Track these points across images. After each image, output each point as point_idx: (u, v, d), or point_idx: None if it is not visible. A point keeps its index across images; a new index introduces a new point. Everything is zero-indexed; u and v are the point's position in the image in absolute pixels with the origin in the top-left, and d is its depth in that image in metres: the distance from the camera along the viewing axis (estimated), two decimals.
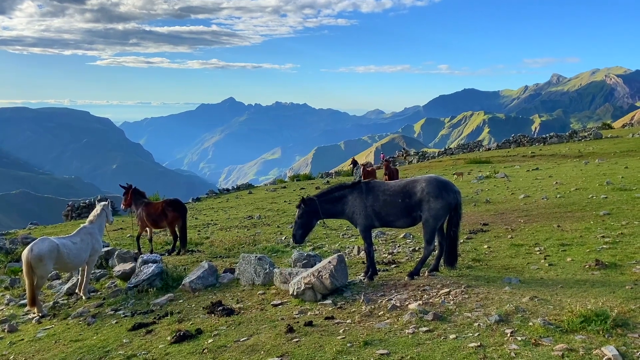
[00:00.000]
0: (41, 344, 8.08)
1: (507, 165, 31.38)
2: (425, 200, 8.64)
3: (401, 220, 8.96)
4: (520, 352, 5.20)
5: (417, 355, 5.38)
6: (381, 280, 8.81)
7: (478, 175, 26.14)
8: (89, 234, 10.77)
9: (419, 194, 8.69)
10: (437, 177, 9.03)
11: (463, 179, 26.00)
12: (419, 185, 8.76)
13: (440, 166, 37.59)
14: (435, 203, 8.61)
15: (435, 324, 6.28)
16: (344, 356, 5.58)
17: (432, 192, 8.63)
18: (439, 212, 8.67)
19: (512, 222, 13.13)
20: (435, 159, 49.57)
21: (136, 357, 6.58)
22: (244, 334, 6.84)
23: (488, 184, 22.31)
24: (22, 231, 25.42)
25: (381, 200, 8.88)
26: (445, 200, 8.67)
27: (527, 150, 40.02)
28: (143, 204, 14.40)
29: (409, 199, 8.74)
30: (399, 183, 9.08)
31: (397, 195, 8.82)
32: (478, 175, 26.14)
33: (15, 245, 17.51)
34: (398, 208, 8.81)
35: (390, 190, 8.94)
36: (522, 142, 49.72)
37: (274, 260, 11.35)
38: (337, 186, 9.48)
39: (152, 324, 7.99)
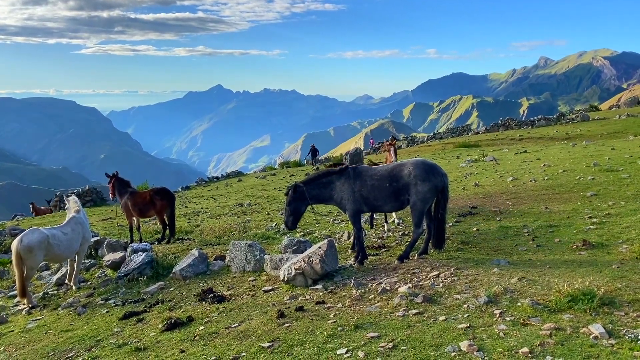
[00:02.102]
0: (32, 334, 8.06)
1: (495, 149, 31.52)
2: (412, 183, 8.66)
3: (389, 205, 9.00)
4: (509, 332, 5.26)
5: (408, 337, 5.42)
6: (371, 265, 8.85)
7: (467, 159, 26.25)
8: (79, 223, 10.70)
9: (406, 178, 8.71)
10: (424, 160, 9.06)
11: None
12: (406, 169, 8.78)
13: (430, 150, 37.70)
14: (422, 186, 8.64)
15: (425, 306, 6.33)
16: (335, 340, 5.62)
17: (420, 175, 8.65)
18: (426, 195, 8.70)
19: (501, 204, 13.22)
20: (425, 143, 49.69)
21: (127, 345, 6.57)
22: (235, 320, 6.86)
23: (477, 168, 22.41)
24: (9, 222, 25.20)
25: (369, 184, 8.89)
26: (432, 183, 8.70)
27: (516, 134, 40.21)
28: (128, 193, 14.27)
29: (396, 182, 8.77)
30: (386, 167, 9.11)
31: (385, 180, 8.83)
32: (467, 159, 26.25)
33: (4, 237, 17.36)
34: (386, 192, 8.83)
35: (377, 174, 8.95)
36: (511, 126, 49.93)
37: (264, 246, 11.36)
38: (325, 172, 9.47)
39: (143, 312, 7.98)
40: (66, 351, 6.95)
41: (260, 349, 5.67)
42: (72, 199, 11.46)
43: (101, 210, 26.88)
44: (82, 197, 30.48)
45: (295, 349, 5.52)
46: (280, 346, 5.67)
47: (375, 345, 5.31)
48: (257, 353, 5.59)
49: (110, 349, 6.62)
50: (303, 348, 5.52)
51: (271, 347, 5.67)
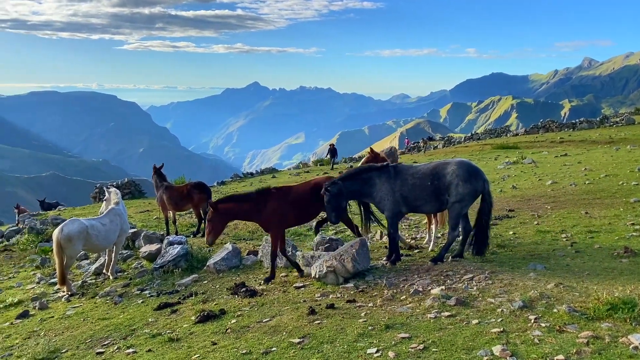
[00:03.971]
0: (70, 321, 8.33)
1: (534, 151, 30.82)
2: (454, 183, 8.42)
3: (429, 205, 8.72)
4: (544, 339, 5.14)
5: (439, 339, 5.36)
6: (404, 265, 8.78)
7: (505, 161, 25.74)
8: (118, 215, 10.98)
9: (448, 177, 8.47)
10: (468, 161, 8.81)
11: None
12: (450, 168, 8.53)
13: (467, 151, 37.15)
14: (463, 187, 8.41)
15: (457, 309, 6.24)
16: (365, 339, 5.60)
17: (462, 175, 8.41)
18: (465, 197, 8.48)
19: (539, 208, 12.92)
20: (462, 144, 49.00)
21: (161, 335, 6.72)
22: (266, 315, 6.92)
23: (515, 170, 21.95)
24: (51, 212, 26.07)
25: (410, 183, 8.62)
26: (473, 186, 8.48)
27: (556, 136, 39.22)
28: (164, 187, 14.59)
29: (437, 181, 8.51)
30: (428, 165, 8.82)
31: (426, 178, 8.57)
32: (505, 161, 25.74)
33: (46, 226, 17.96)
34: (427, 191, 8.55)
35: (419, 173, 8.68)
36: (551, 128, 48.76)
37: (296, 243, 11.42)
38: (366, 167, 9.26)
39: (177, 304, 8.14)
40: (102, 339, 7.16)
41: (290, 345, 5.70)
42: (113, 190, 11.77)
43: (139, 202, 27.50)
44: (121, 189, 31.23)
45: (325, 346, 5.53)
46: (310, 342, 5.69)
47: (405, 346, 5.27)
48: (287, 348, 5.62)
49: (145, 338, 6.78)
50: (333, 346, 5.53)
51: (301, 343, 5.70)
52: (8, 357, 7.09)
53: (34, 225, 18.07)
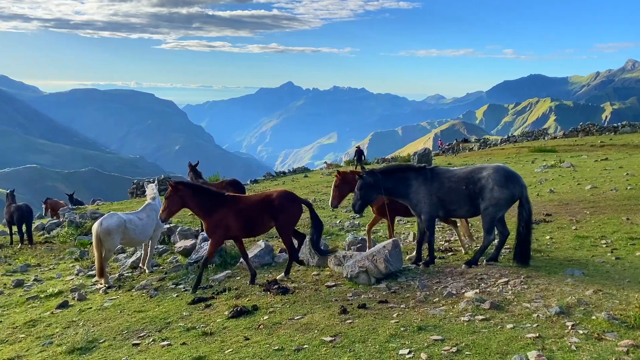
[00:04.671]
0: (107, 312, 8.56)
1: (573, 155, 30.05)
2: (489, 187, 8.32)
3: (464, 209, 8.64)
4: (582, 346, 5.02)
5: (473, 342, 5.30)
6: (437, 268, 8.70)
7: (542, 164, 25.19)
8: (154, 210, 11.23)
9: (483, 181, 8.38)
10: (505, 166, 8.71)
11: None
12: (486, 172, 8.45)
13: (503, 154, 36.51)
14: (499, 192, 8.29)
15: (492, 312, 6.15)
16: (397, 340, 5.58)
17: (498, 180, 8.30)
18: (500, 202, 8.35)
19: (577, 213, 12.60)
20: (498, 146, 48.16)
21: (195, 329, 6.84)
22: (298, 312, 6.96)
23: (552, 174, 21.46)
24: (90, 206, 26.82)
25: (446, 187, 8.58)
26: (509, 191, 8.35)
27: (596, 140, 38.15)
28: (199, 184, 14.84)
29: (473, 185, 8.44)
30: (465, 170, 8.77)
31: (462, 182, 8.52)
32: (542, 164, 25.19)
33: (85, 220, 18.51)
34: (462, 195, 8.50)
35: (455, 176, 8.64)
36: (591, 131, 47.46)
37: (328, 242, 11.45)
38: (404, 166, 9.24)
39: (211, 298, 8.27)
40: (138, 330, 7.33)
41: (322, 342, 5.73)
42: (151, 186, 12.04)
43: None
44: (157, 185, 31.92)
45: (357, 345, 5.54)
46: (342, 341, 5.71)
47: (438, 348, 5.23)
48: (319, 346, 5.65)
49: (179, 331, 6.92)
50: (365, 345, 5.53)
51: (333, 342, 5.71)
52: (49, 345, 7.34)
53: (74, 219, 18.64)
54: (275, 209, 8.84)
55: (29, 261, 14.47)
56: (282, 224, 9.00)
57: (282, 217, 8.90)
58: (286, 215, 8.94)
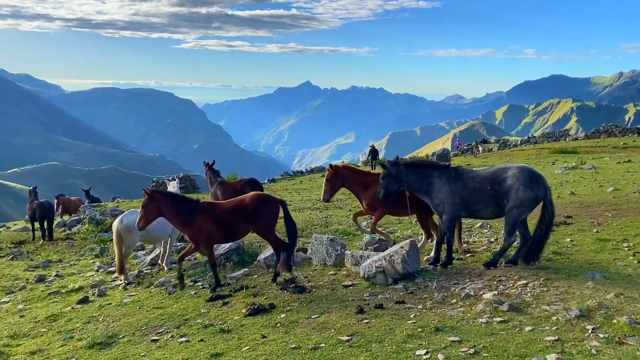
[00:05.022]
0: (127, 308, 8.67)
1: (595, 156, 29.59)
2: (514, 188, 8.21)
3: (488, 210, 8.55)
4: (602, 350, 4.95)
5: (490, 344, 5.26)
6: (455, 269, 8.64)
7: (563, 166, 24.85)
8: None
9: (509, 181, 8.27)
10: (529, 167, 8.60)
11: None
12: (511, 172, 8.35)
13: (523, 155, 36.10)
14: (523, 193, 8.19)
15: (510, 314, 6.10)
16: (414, 340, 5.57)
17: (523, 180, 8.19)
18: (524, 203, 8.24)
19: (599, 215, 12.40)
20: (518, 147, 47.66)
21: (213, 326, 6.91)
22: (315, 311, 6.98)
23: (573, 175, 21.15)
24: (110, 204, 27.19)
25: (470, 187, 8.49)
26: (534, 193, 8.24)
27: (619, 141, 37.48)
28: (217, 183, 14.92)
29: (498, 185, 8.34)
30: (489, 170, 8.69)
31: (486, 182, 8.42)
32: (563, 166, 24.85)
33: (105, 217, 18.76)
34: (486, 196, 8.40)
35: (479, 177, 8.55)
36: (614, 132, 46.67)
37: (345, 242, 11.43)
38: (429, 163, 9.17)
39: (228, 296, 8.34)
40: (157, 326, 7.42)
41: (339, 342, 5.74)
42: (172, 184, 12.18)
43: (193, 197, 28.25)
44: (179, 183, 32.24)
45: (373, 345, 5.53)
46: (359, 341, 5.71)
47: (455, 349, 5.20)
48: (335, 345, 5.66)
49: (197, 328, 6.99)
50: (382, 345, 5.52)
51: (350, 341, 5.72)
52: (70, 339, 7.47)
53: (94, 216, 18.90)
54: (250, 213, 8.83)
55: (51, 257, 14.73)
56: (260, 227, 9.01)
57: (259, 220, 8.90)
58: (262, 217, 8.93)
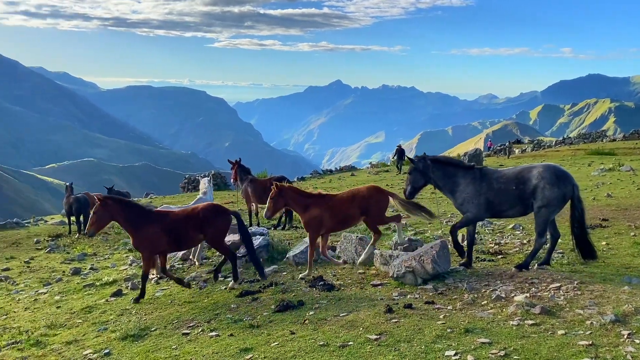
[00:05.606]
0: (159, 302, 8.85)
1: (634, 158, 28.74)
2: (540, 187, 8.11)
3: (514, 209, 8.49)
4: (638, 356, 4.82)
5: (521, 347, 5.18)
6: (486, 270, 8.54)
7: (599, 168, 24.22)
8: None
9: (534, 180, 8.18)
10: (555, 165, 8.49)
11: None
12: (535, 171, 8.25)
13: (557, 156, 35.34)
14: (550, 191, 8.07)
15: (542, 318, 5.99)
16: (443, 341, 5.52)
17: (549, 179, 8.08)
18: (552, 202, 8.12)
19: (637, 219, 12.06)
20: (552, 148, 46.68)
21: (242, 321, 7.00)
22: (343, 309, 7.00)
23: (610, 177, 20.60)
24: (143, 200, 27.75)
25: (495, 188, 8.43)
26: (561, 191, 8.11)
27: None
28: (248, 180, 15.05)
29: (523, 185, 8.26)
30: (514, 170, 8.63)
31: (511, 182, 8.35)
32: (599, 168, 24.22)
33: None
34: (511, 196, 8.34)
35: (504, 177, 8.49)
36: None
37: None
38: (456, 161, 9.17)
39: (258, 292, 8.42)
40: (188, 320, 7.55)
41: (367, 340, 5.74)
42: (204, 180, 12.37)
43: (224, 194, 28.60)
44: (212, 180, 32.67)
45: (402, 345, 5.51)
46: (387, 340, 5.70)
47: (485, 351, 5.14)
48: (364, 344, 5.66)
49: (227, 323, 7.09)
50: (410, 345, 5.50)
51: (378, 340, 5.71)
52: (104, 331, 7.67)
53: None
54: (202, 222, 8.88)
55: (86, 250, 15.13)
56: (211, 237, 9.08)
57: (210, 230, 8.95)
58: (214, 228, 8.99)
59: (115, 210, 8.82)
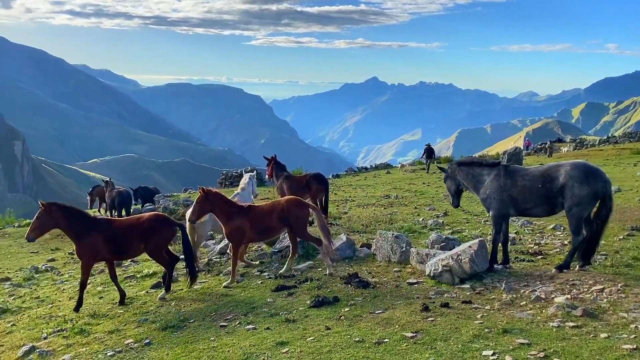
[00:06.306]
0: (197, 294, 9.04)
1: None
2: (568, 185, 7.91)
3: (539, 208, 8.35)
4: None
5: (562, 349, 5.07)
6: (525, 271, 8.39)
7: None
8: (242, 200, 11.69)
9: (561, 179, 7.98)
10: (584, 162, 8.27)
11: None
12: (563, 169, 8.05)
13: (601, 155, 34.27)
14: (579, 189, 7.85)
15: (584, 320, 5.85)
16: (480, 340, 5.46)
17: (577, 176, 7.87)
18: (583, 200, 7.88)
19: None
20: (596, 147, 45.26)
21: (279, 315, 7.08)
22: (379, 307, 6.99)
23: None
24: (182, 195, 28.29)
25: (519, 185, 8.35)
26: (591, 188, 7.86)
27: None
28: (284, 176, 15.14)
29: (549, 183, 8.09)
30: (540, 168, 8.51)
31: (537, 180, 8.21)
32: None
33: (177, 207, 19.58)
34: (537, 194, 8.21)
35: (529, 174, 8.39)
36: None
37: (410, 240, 11.33)
38: (479, 161, 9.21)
39: (294, 287, 8.50)
40: (225, 313, 7.69)
41: (403, 338, 5.73)
42: (246, 176, 12.56)
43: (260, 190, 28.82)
44: (255, 176, 33.00)
45: (438, 343, 5.48)
46: (423, 338, 5.67)
47: (524, 352, 5.06)
48: (400, 341, 5.65)
49: (264, 316, 7.19)
50: (447, 344, 5.46)
51: (414, 338, 5.69)
52: (144, 321, 7.88)
53: (167, 206, 19.78)
54: (145, 232, 8.86)
55: None
56: (151, 247, 9.05)
57: (152, 240, 8.95)
58: (156, 238, 8.99)
59: (58, 216, 8.68)
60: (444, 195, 9.30)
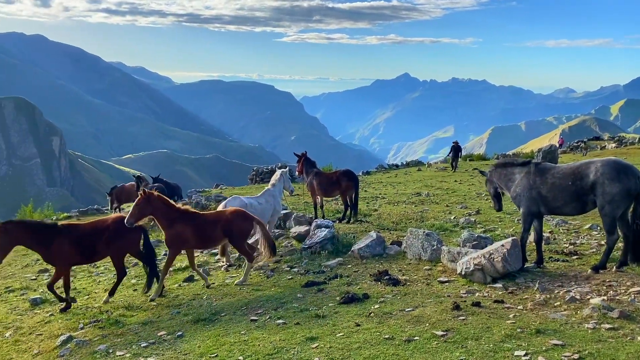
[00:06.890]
0: (228, 289, 9.17)
1: None
2: (599, 183, 7.70)
3: (569, 206, 8.17)
4: None
5: (597, 351, 4.96)
6: (559, 271, 8.23)
7: None
8: (272, 196, 11.80)
9: (592, 176, 7.77)
10: (617, 159, 8.03)
11: None
12: (593, 166, 7.84)
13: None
14: (611, 187, 7.62)
15: (621, 322, 5.71)
16: (512, 340, 5.39)
17: (608, 173, 7.64)
18: (615, 198, 7.64)
19: None
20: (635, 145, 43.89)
21: (308, 311, 7.12)
22: (409, 304, 6.96)
23: None
24: (214, 190, 28.69)
25: (549, 182, 8.22)
26: (623, 185, 7.60)
27: None
28: (313, 173, 15.19)
29: (580, 181, 7.90)
30: (571, 165, 8.32)
31: (567, 178, 8.05)
32: None
33: (209, 202, 19.87)
34: (567, 192, 8.04)
35: (560, 172, 8.24)
36: None
37: (441, 238, 11.23)
38: (511, 161, 9.20)
39: (323, 283, 8.54)
40: (256, 307, 7.78)
41: (433, 336, 5.69)
42: (280, 171, 12.69)
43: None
44: (288, 172, 33.20)
45: (469, 342, 5.43)
46: (454, 337, 5.63)
47: (558, 353, 4.97)
48: (430, 339, 5.62)
49: (294, 312, 7.24)
50: (478, 343, 5.40)
51: (445, 336, 5.65)
52: (177, 314, 8.04)
53: (200, 201, 20.09)
54: (109, 236, 8.88)
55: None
56: (114, 251, 9.09)
57: (114, 244, 8.99)
58: (119, 241, 9.04)
59: (17, 234, 8.47)
60: (476, 194, 9.18)
